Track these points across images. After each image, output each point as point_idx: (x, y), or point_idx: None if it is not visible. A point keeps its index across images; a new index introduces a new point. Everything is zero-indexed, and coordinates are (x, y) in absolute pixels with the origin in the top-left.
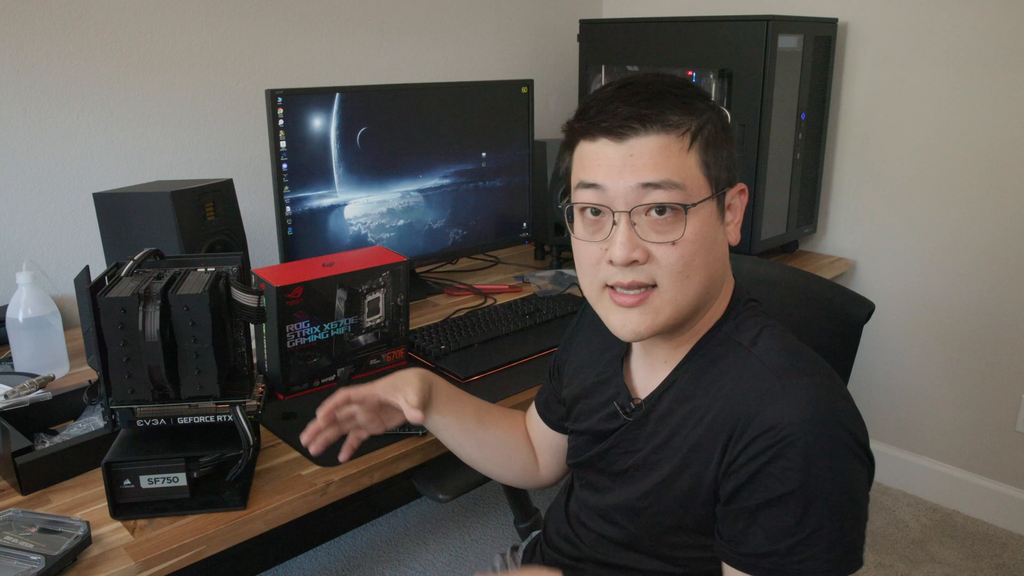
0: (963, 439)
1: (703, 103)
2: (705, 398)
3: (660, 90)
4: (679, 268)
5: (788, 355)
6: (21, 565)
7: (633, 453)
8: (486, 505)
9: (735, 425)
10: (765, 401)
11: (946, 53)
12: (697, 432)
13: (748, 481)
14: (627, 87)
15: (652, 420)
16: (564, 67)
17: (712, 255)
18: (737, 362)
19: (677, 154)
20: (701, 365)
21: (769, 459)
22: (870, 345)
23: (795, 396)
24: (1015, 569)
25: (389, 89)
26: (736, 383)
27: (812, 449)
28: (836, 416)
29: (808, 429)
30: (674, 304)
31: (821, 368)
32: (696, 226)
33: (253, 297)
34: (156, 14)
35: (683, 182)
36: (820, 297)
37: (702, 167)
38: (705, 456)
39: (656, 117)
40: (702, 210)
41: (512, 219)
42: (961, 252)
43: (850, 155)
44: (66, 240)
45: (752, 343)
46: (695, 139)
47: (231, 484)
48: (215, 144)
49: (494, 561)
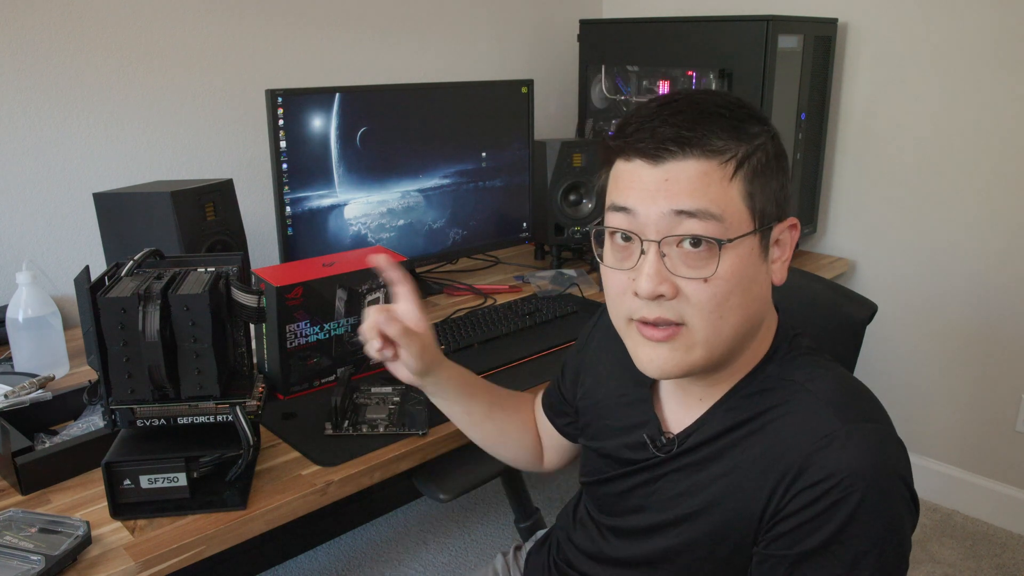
0: (963, 439)
1: (757, 127)
2: (750, 435)
3: (707, 110)
4: (711, 308)
5: (850, 397)
6: (21, 565)
7: (658, 483)
8: (486, 505)
9: (790, 466)
10: (828, 445)
11: (946, 53)
12: (738, 468)
13: (798, 527)
14: (671, 104)
15: (684, 456)
16: (564, 67)
17: (750, 295)
18: (789, 399)
19: (718, 182)
20: (744, 404)
21: (826, 507)
22: (870, 345)
23: (861, 443)
24: (1015, 569)
25: (389, 89)
26: (790, 421)
27: (872, 500)
28: (896, 467)
29: (871, 479)
30: (706, 345)
31: (882, 414)
32: (732, 263)
33: (253, 297)
34: (156, 14)
35: (722, 213)
36: (822, 298)
37: (746, 199)
38: (744, 495)
39: (698, 141)
40: (741, 246)
41: (512, 219)
42: (961, 252)
43: (850, 155)
44: (66, 240)
45: (807, 380)
46: (740, 167)
47: (231, 484)
48: (215, 144)
49: (495, 561)
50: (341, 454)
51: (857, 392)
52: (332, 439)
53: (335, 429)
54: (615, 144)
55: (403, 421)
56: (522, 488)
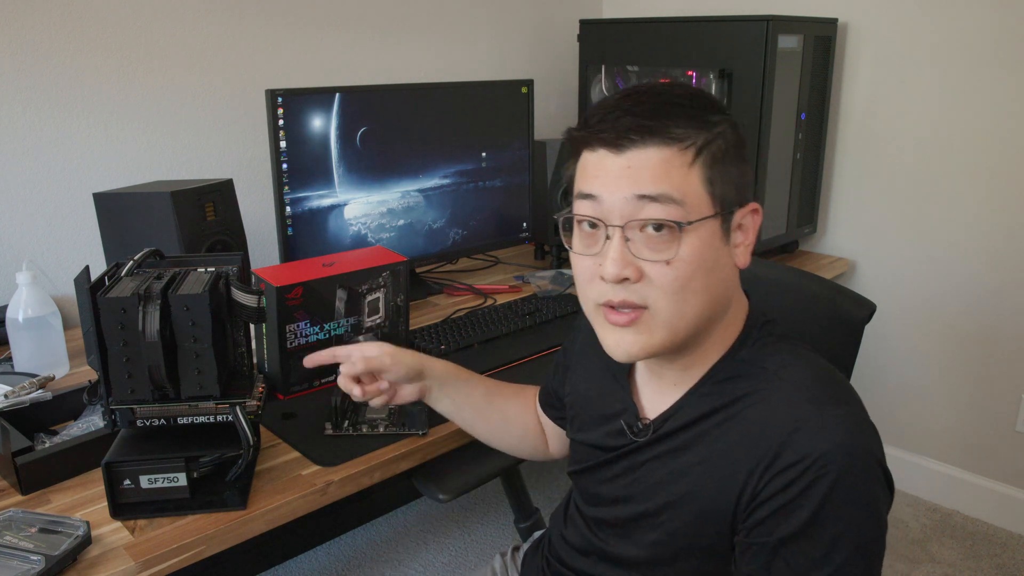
0: (963, 439)
1: (717, 116)
2: (724, 422)
3: (668, 100)
4: (674, 289)
5: (821, 382)
6: (21, 565)
7: (638, 471)
8: (486, 505)
9: (765, 452)
10: (801, 430)
11: (946, 53)
12: (713, 455)
13: (776, 512)
14: (633, 95)
15: (661, 442)
16: (564, 67)
17: (713, 278)
18: (762, 387)
19: (679, 168)
20: (717, 390)
21: (801, 489)
22: (870, 345)
23: (833, 426)
24: (1015, 569)
25: (389, 89)
26: (763, 409)
27: (846, 481)
28: (869, 448)
29: (843, 461)
30: (669, 326)
31: (852, 395)
32: (694, 246)
33: (253, 297)
34: (156, 14)
35: (682, 198)
36: (821, 297)
37: (706, 184)
38: (721, 483)
39: (659, 128)
40: (702, 229)
41: (512, 219)
42: (961, 252)
43: (850, 155)
44: (66, 240)
45: (779, 367)
46: (700, 153)
47: (231, 484)
48: (215, 144)
49: (494, 561)
50: (341, 454)
51: (828, 378)
52: (332, 439)
53: (335, 429)
54: (579, 135)
55: (403, 421)
56: (522, 488)
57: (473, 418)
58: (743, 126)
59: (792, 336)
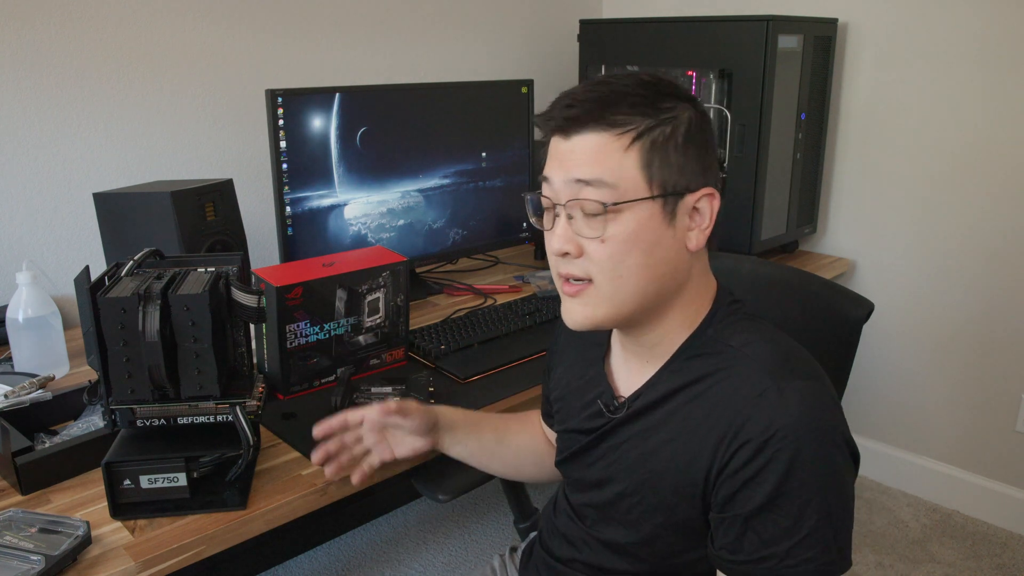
0: (963, 439)
1: (671, 103)
2: (692, 400)
3: (616, 89)
4: (610, 266)
5: (782, 357)
6: (21, 565)
7: (617, 451)
8: (486, 505)
9: (728, 426)
10: (760, 403)
11: (946, 53)
12: (683, 432)
13: (743, 486)
14: (587, 85)
15: (636, 419)
16: (564, 67)
17: (653, 257)
18: (727, 364)
19: (613, 153)
20: (686, 367)
21: (765, 462)
22: (870, 345)
23: (791, 398)
24: (1015, 569)
25: (389, 89)
26: (727, 385)
27: (808, 451)
28: (829, 419)
29: (805, 431)
30: (611, 301)
31: (814, 370)
32: (628, 226)
33: (253, 297)
34: (156, 14)
35: (616, 182)
36: (819, 297)
37: (642, 168)
38: (691, 456)
39: (598, 116)
40: (637, 210)
41: (512, 219)
42: (961, 252)
43: (850, 155)
44: (66, 240)
45: (743, 344)
46: (638, 139)
47: (231, 484)
48: (215, 144)
49: (492, 562)
50: None
51: (790, 353)
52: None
53: None
54: (539, 121)
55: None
56: (521, 488)
57: (488, 460)
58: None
59: (758, 316)
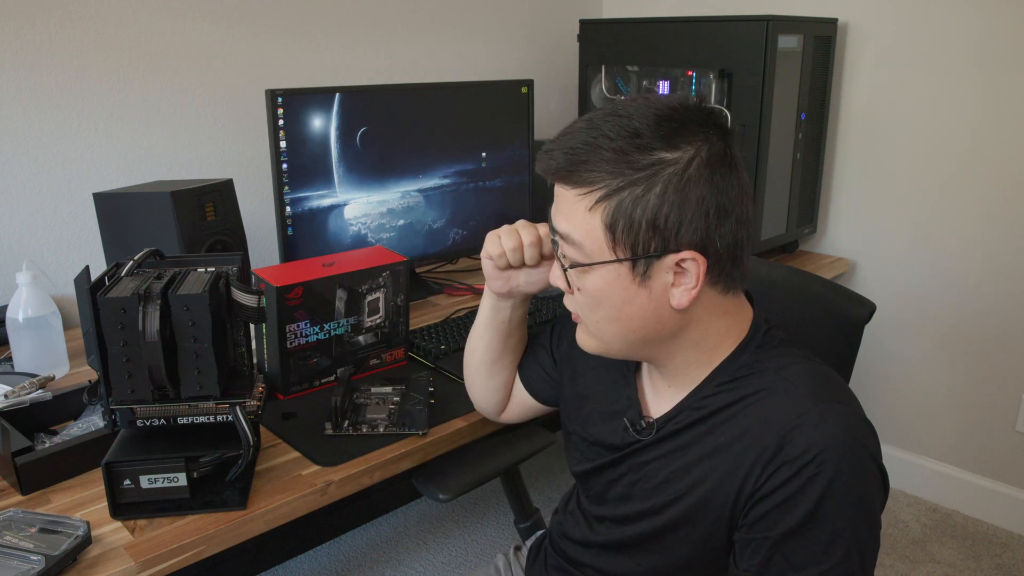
0: (963, 439)
1: (652, 157)
2: (726, 421)
3: (593, 141)
4: (586, 313)
5: (821, 382)
6: (21, 565)
7: (642, 470)
8: (486, 505)
9: (766, 447)
10: (801, 425)
11: (946, 53)
12: (715, 452)
13: (776, 507)
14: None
15: (664, 442)
16: (564, 67)
17: (624, 313)
18: (765, 386)
19: (580, 211)
20: (720, 392)
21: (803, 483)
22: (870, 345)
23: (833, 422)
24: (1015, 569)
25: (389, 89)
26: (765, 406)
27: (845, 476)
28: (866, 445)
29: (842, 456)
30: (599, 340)
31: (852, 397)
32: (594, 284)
33: (253, 297)
34: (156, 14)
35: (582, 240)
36: (820, 297)
37: (606, 230)
38: (722, 477)
39: (566, 173)
40: (602, 271)
41: (512, 219)
42: (961, 252)
43: (850, 155)
44: (66, 240)
45: (781, 368)
46: (602, 201)
47: (231, 484)
48: (215, 144)
49: (497, 560)
50: (341, 454)
51: (828, 378)
52: (332, 439)
53: (335, 429)
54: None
55: (403, 421)
56: (522, 488)
57: (497, 341)
58: (745, 126)
59: (795, 342)
